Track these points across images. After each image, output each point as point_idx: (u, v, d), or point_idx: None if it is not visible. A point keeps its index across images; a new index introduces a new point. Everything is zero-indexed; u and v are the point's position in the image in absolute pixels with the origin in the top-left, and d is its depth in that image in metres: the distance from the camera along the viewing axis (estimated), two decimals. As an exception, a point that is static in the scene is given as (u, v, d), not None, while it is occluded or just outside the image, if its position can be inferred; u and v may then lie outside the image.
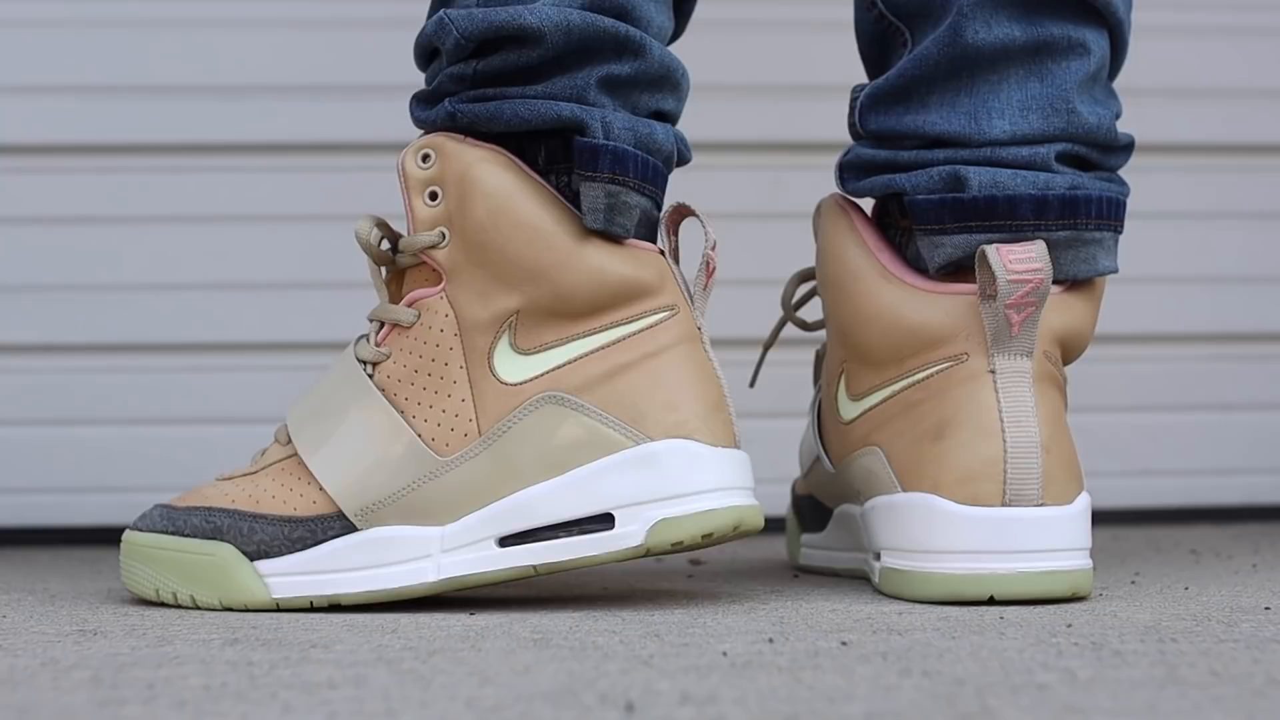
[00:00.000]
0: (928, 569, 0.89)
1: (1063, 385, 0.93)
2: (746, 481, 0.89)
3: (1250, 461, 1.46)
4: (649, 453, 0.87)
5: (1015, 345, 0.90)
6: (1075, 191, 0.93)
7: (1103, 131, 0.94)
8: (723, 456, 0.88)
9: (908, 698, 0.64)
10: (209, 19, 1.38)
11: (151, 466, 1.37)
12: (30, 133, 1.37)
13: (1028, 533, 0.88)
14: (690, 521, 0.86)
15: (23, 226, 1.37)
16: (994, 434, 0.89)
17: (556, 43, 0.88)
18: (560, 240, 0.88)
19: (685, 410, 0.88)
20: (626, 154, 0.88)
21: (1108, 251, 0.95)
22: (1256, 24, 1.45)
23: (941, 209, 0.92)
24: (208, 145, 1.38)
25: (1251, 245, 1.46)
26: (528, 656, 0.73)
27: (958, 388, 0.90)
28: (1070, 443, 0.91)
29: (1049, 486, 0.89)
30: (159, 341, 1.38)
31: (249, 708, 0.64)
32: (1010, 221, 0.92)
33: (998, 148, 0.93)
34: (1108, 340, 1.45)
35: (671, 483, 0.86)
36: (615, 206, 0.88)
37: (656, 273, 0.89)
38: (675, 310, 0.89)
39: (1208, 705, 0.63)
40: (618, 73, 0.89)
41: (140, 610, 0.91)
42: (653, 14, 0.91)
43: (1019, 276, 0.88)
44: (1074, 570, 0.89)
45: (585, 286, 0.88)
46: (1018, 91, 0.94)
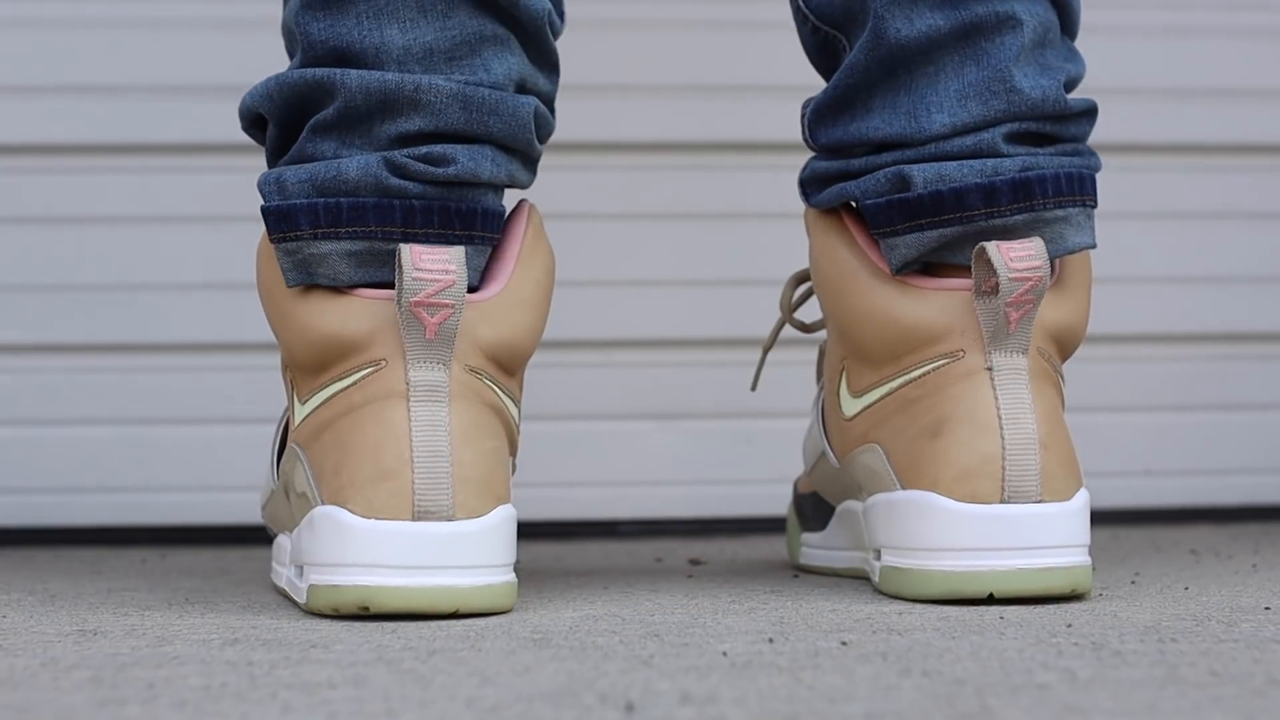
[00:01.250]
0: (927, 567, 0.89)
1: (1059, 382, 0.93)
2: (402, 558, 0.84)
3: (1250, 461, 1.46)
4: (311, 516, 0.87)
5: (1012, 342, 0.89)
6: (1028, 173, 0.91)
7: (1049, 103, 0.92)
8: (374, 529, 0.84)
9: (908, 698, 0.64)
10: (209, 19, 1.38)
11: (151, 466, 1.37)
12: (30, 133, 1.37)
13: (1026, 529, 0.88)
14: (327, 593, 0.85)
15: (23, 226, 1.37)
16: (992, 431, 0.89)
17: (273, 115, 0.91)
18: (283, 301, 0.89)
19: (345, 476, 0.85)
20: (297, 210, 0.87)
21: (1078, 228, 0.93)
22: (1256, 24, 1.45)
23: (890, 211, 0.91)
24: (208, 145, 1.38)
25: (1251, 245, 1.45)
26: (528, 656, 0.73)
27: (955, 385, 0.90)
28: (1068, 439, 0.91)
29: (1048, 483, 0.88)
30: (159, 341, 1.38)
31: (249, 708, 0.64)
32: (960, 214, 0.91)
33: (941, 142, 0.92)
34: (1108, 340, 1.45)
35: (319, 551, 0.86)
36: (304, 261, 0.88)
37: (369, 325, 0.86)
38: (380, 365, 0.86)
39: (1208, 705, 0.63)
40: (322, 119, 0.89)
41: (140, 610, 0.91)
42: (382, 37, 0.89)
43: (1020, 274, 0.88)
44: (1073, 567, 0.89)
45: (299, 345, 0.89)
46: (954, 81, 0.92)
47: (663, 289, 1.40)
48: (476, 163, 0.89)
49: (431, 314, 0.84)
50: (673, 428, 1.41)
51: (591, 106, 1.38)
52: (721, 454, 1.40)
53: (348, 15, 0.89)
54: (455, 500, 0.85)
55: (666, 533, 1.38)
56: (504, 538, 0.87)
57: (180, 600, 0.95)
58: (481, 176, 0.89)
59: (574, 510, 1.39)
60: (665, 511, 1.40)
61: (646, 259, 1.40)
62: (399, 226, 0.88)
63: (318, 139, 0.90)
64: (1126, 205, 1.44)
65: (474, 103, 0.89)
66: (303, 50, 0.90)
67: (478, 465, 0.86)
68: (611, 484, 1.40)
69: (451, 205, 0.89)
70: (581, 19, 1.20)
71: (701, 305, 1.40)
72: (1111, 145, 1.44)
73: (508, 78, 0.90)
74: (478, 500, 0.85)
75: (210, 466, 1.37)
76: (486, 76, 0.90)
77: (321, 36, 0.89)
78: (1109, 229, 1.44)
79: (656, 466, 1.40)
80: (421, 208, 0.88)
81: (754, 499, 1.37)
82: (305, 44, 0.90)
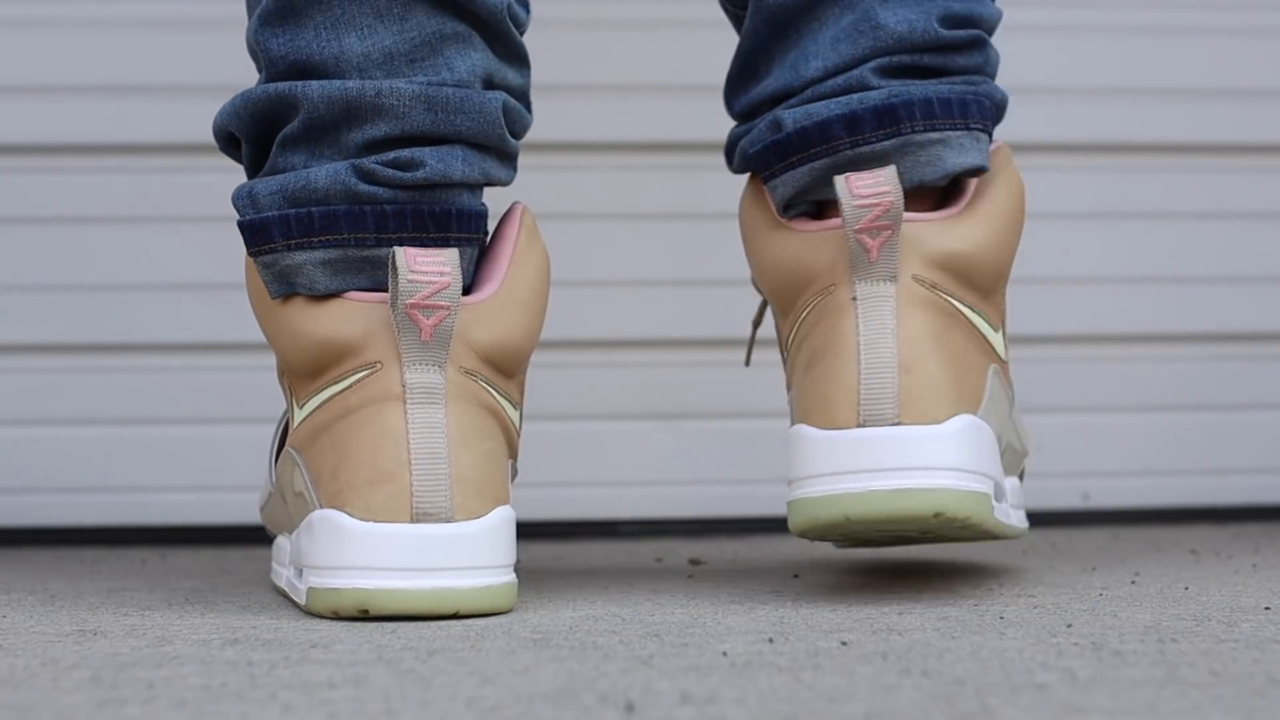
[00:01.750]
0: (795, 496, 0.89)
1: (953, 309, 0.90)
2: (401, 561, 0.84)
3: (1250, 461, 1.46)
4: (310, 520, 0.87)
5: (876, 270, 0.89)
6: (893, 99, 0.91)
7: (917, 34, 0.92)
8: (373, 532, 0.84)
9: (908, 698, 0.64)
10: (209, 19, 1.38)
11: (151, 466, 1.37)
12: (30, 133, 1.37)
13: (879, 451, 0.86)
14: (327, 596, 0.85)
15: (23, 226, 1.37)
16: (849, 358, 0.88)
17: (242, 132, 0.92)
18: (273, 308, 0.90)
19: (343, 479, 0.85)
20: (269, 222, 0.88)
21: (959, 149, 0.92)
22: (1256, 24, 1.45)
23: (766, 154, 0.93)
24: (208, 145, 1.37)
25: (1251, 245, 1.45)
26: (528, 656, 0.73)
27: (825, 319, 0.90)
28: (948, 365, 0.89)
29: (908, 405, 0.87)
30: (159, 341, 1.38)
31: (249, 708, 0.64)
32: (826, 145, 0.91)
33: (817, 85, 0.93)
34: (1108, 340, 1.45)
35: (318, 553, 0.86)
36: (283, 273, 0.89)
37: (362, 329, 0.87)
38: (375, 368, 0.86)
39: (1208, 705, 0.63)
40: (289, 132, 0.89)
41: (140, 610, 0.91)
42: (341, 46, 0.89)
43: (864, 201, 0.87)
44: (933, 488, 0.86)
45: (293, 351, 0.89)
46: (831, 29, 0.93)
47: (663, 289, 1.40)
48: (446, 164, 0.89)
49: (427, 316, 0.84)
50: (673, 428, 1.41)
51: (590, 106, 1.39)
52: (721, 454, 1.40)
53: (305, 28, 0.89)
54: (454, 502, 0.85)
55: (666, 533, 1.38)
56: (503, 538, 0.86)
57: (180, 600, 0.95)
58: (453, 177, 0.89)
59: (574, 510, 1.39)
60: (665, 511, 1.40)
61: (646, 259, 1.40)
62: (372, 232, 0.88)
63: (287, 152, 0.90)
64: (1126, 205, 1.44)
65: (438, 103, 0.88)
66: (265, 67, 0.91)
67: (475, 467, 0.86)
68: (611, 484, 1.40)
69: (425, 208, 0.89)
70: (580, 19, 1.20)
71: (701, 305, 1.40)
72: (1111, 145, 1.44)
73: (472, 74, 0.90)
74: (476, 501, 0.85)
75: (210, 466, 1.37)
76: (450, 75, 0.90)
77: (281, 52, 0.90)
78: (1109, 229, 1.45)
79: (656, 466, 1.40)
80: (394, 212, 0.88)
81: (754, 499, 1.37)
82: (266, 60, 0.90)
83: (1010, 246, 0.94)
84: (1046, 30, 1.44)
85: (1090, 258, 1.44)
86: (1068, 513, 1.43)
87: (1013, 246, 0.94)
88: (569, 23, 1.09)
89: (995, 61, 0.97)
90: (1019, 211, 0.95)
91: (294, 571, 0.90)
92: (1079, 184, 1.44)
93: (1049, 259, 1.43)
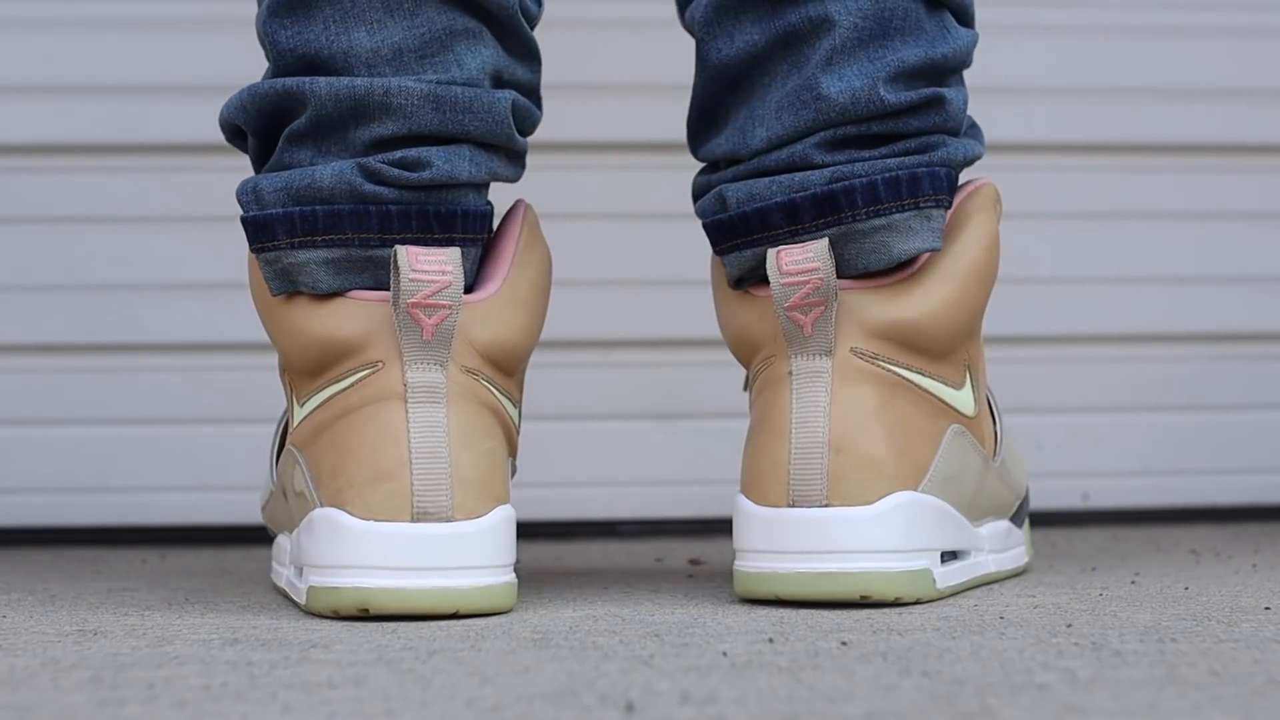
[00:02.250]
0: (735, 566, 0.90)
1: (897, 379, 0.89)
2: (401, 560, 0.84)
3: (1250, 461, 1.46)
4: (310, 519, 0.87)
5: (811, 345, 0.88)
6: (835, 185, 0.88)
7: (860, 105, 0.88)
8: (373, 531, 0.84)
9: (908, 698, 0.64)
10: (209, 19, 1.38)
11: (151, 466, 1.37)
12: (30, 133, 1.37)
13: (805, 533, 0.87)
14: (327, 595, 0.85)
15: (23, 226, 1.37)
16: (783, 435, 0.88)
17: (249, 126, 0.91)
18: (275, 306, 0.89)
19: (344, 478, 0.85)
20: (274, 220, 0.88)
21: (905, 234, 0.89)
22: (1256, 24, 1.45)
23: (714, 231, 0.92)
24: (208, 145, 1.38)
25: (1251, 245, 1.45)
26: (528, 656, 0.73)
27: (766, 390, 0.90)
28: (886, 440, 0.88)
29: (837, 486, 0.87)
30: (159, 341, 1.38)
31: (249, 708, 0.64)
32: (765, 234, 0.90)
33: (762, 156, 0.91)
34: (1108, 340, 1.45)
35: (318, 552, 0.86)
36: (285, 270, 0.88)
37: (363, 327, 0.86)
38: (377, 367, 0.86)
39: (1208, 705, 0.63)
40: (296, 128, 0.89)
41: (140, 610, 0.91)
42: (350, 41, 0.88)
43: (793, 279, 0.86)
44: (858, 573, 0.86)
45: (294, 349, 0.89)
46: (778, 92, 0.91)
47: (663, 289, 1.40)
48: (453, 164, 0.88)
49: (429, 315, 0.84)
50: (673, 428, 1.41)
51: (591, 106, 1.39)
52: (721, 454, 1.40)
53: (314, 21, 0.89)
54: (454, 501, 0.85)
55: (666, 533, 1.38)
56: (503, 538, 0.86)
57: (180, 600, 0.95)
58: (459, 177, 0.89)
59: (574, 510, 1.39)
60: (665, 511, 1.40)
61: (646, 259, 1.40)
62: (376, 233, 0.87)
63: (293, 148, 0.89)
64: (1126, 205, 1.44)
65: (447, 102, 0.88)
66: (273, 59, 0.90)
67: (476, 466, 0.86)
68: (611, 484, 1.40)
69: (430, 209, 0.88)
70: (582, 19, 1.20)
71: (701, 305, 1.39)
72: (1111, 145, 1.44)
73: (482, 72, 0.89)
74: (476, 501, 0.85)
75: (210, 466, 1.37)
76: (460, 73, 0.89)
77: (290, 44, 0.89)
78: (1109, 229, 1.45)
79: (656, 466, 1.40)
80: (399, 212, 0.87)
81: (754, 499, 1.37)
82: (275, 53, 0.90)
83: (969, 306, 0.91)
84: (1046, 30, 1.44)
85: (1090, 258, 1.44)
86: (1068, 513, 1.43)
87: (973, 305, 0.92)
88: (569, 23, 1.09)
89: (959, 110, 0.92)
90: (986, 266, 0.92)
91: (294, 571, 0.90)
92: (1079, 184, 1.44)
93: (1049, 259, 1.43)
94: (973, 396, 0.94)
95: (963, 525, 0.92)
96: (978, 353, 0.96)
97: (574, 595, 0.95)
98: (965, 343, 0.93)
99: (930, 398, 0.90)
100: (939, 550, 0.90)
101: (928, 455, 0.89)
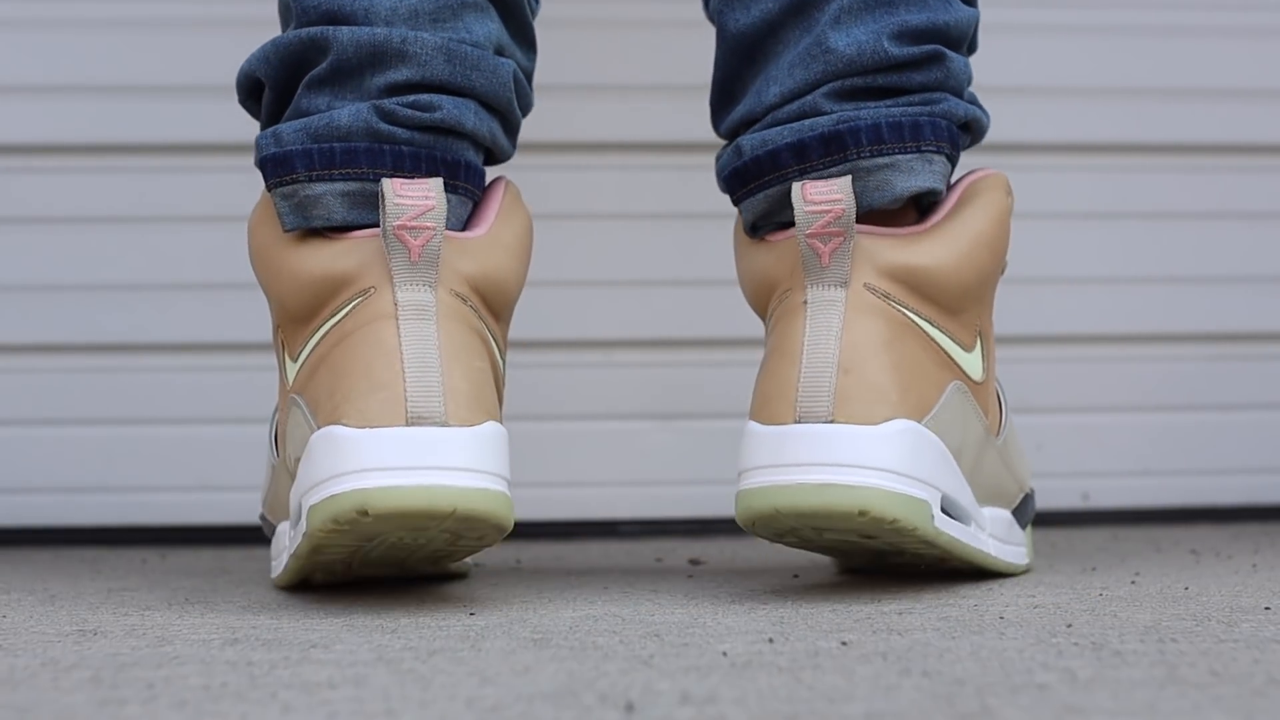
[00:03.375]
0: (738, 489, 0.91)
1: (906, 321, 0.91)
2: (397, 460, 0.85)
3: (1250, 461, 1.46)
4: (309, 444, 0.88)
5: (828, 276, 0.90)
6: (840, 126, 0.93)
7: (866, 57, 0.94)
8: (369, 436, 0.85)
9: (908, 698, 0.64)
10: (209, 19, 1.38)
11: (151, 466, 1.37)
12: (30, 133, 1.37)
13: (809, 446, 0.88)
14: (325, 506, 0.85)
15: (23, 226, 1.37)
16: (794, 358, 0.90)
17: (269, 77, 0.95)
18: (273, 252, 0.93)
19: (340, 394, 0.87)
20: (293, 154, 0.92)
21: (908, 173, 0.93)
22: (1256, 24, 1.45)
23: (732, 180, 0.96)
24: (208, 145, 1.38)
25: (1251, 245, 1.46)
26: (528, 656, 0.73)
27: (780, 321, 0.92)
28: (892, 371, 0.90)
29: (843, 405, 0.88)
30: (159, 341, 1.38)
31: (249, 708, 0.64)
32: (776, 174, 0.94)
33: (774, 110, 0.95)
34: (1108, 340, 1.45)
35: (316, 469, 0.87)
36: (302, 204, 0.92)
37: (358, 260, 0.90)
38: (369, 292, 0.89)
39: (1208, 705, 0.63)
40: (316, 74, 0.94)
41: (140, 610, 0.91)
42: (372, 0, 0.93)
43: (816, 207, 0.89)
44: (858, 486, 0.87)
45: (291, 291, 0.91)
46: (790, 53, 0.96)
47: (663, 289, 1.40)
48: (460, 112, 0.93)
49: (414, 236, 0.88)
50: (673, 428, 1.41)
51: (590, 106, 1.39)
52: (721, 454, 1.39)
53: None
54: (447, 409, 0.86)
55: (666, 533, 1.38)
56: (498, 448, 0.88)
57: (180, 600, 0.95)
58: (465, 125, 0.94)
59: (574, 510, 1.39)
60: (665, 511, 1.40)
61: (646, 259, 1.40)
62: (389, 169, 0.92)
63: (312, 94, 0.94)
64: (1126, 205, 1.44)
65: (457, 56, 0.93)
66: (296, 16, 0.95)
67: (467, 378, 0.88)
68: (611, 484, 1.40)
69: (438, 154, 0.93)
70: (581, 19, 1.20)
71: (701, 305, 1.40)
72: (1111, 145, 1.44)
73: (488, 40, 0.95)
74: (469, 411, 0.87)
75: (210, 466, 1.37)
76: (469, 36, 0.94)
77: (314, 2, 0.94)
78: (1109, 229, 1.45)
79: (656, 466, 1.40)
80: (410, 154, 0.92)
81: (754, 499, 1.37)
82: (299, 10, 0.94)
83: (978, 267, 0.95)
84: (1046, 30, 1.44)
85: (1090, 258, 1.44)
86: (1068, 513, 1.43)
87: (982, 268, 0.95)
88: (569, 22, 1.09)
89: (960, 74, 0.97)
90: (994, 237, 0.96)
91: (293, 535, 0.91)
92: (1078, 184, 1.44)
93: (1049, 259, 1.43)
94: (982, 365, 0.96)
95: (964, 487, 0.94)
96: (989, 327, 0.98)
97: (574, 595, 0.95)
98: (975, 306, 0.96)
99: (937, 347, 0.93)
100: (940, 491, 0.91)
101: (931, 397, 0.91)
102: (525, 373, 0.93)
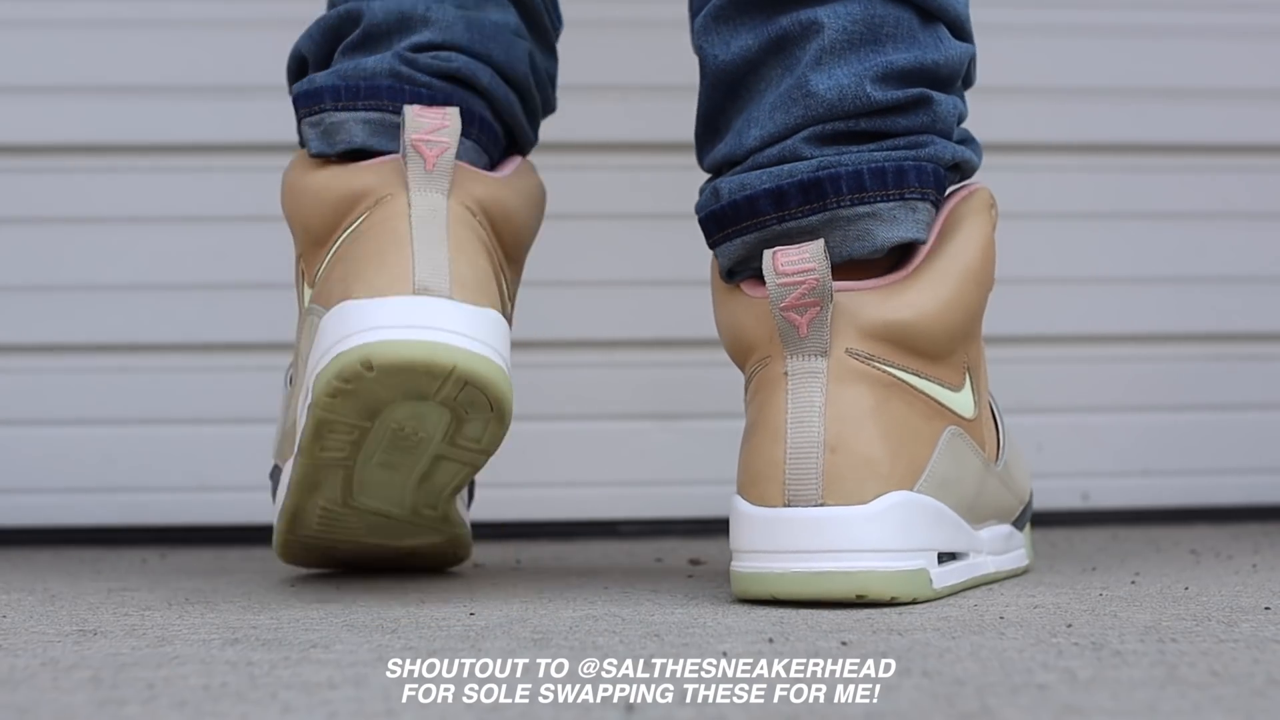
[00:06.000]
0: (732, 567, 0.90)
1: (892, 380, 0.89)
2: (404, 320, 0.88)
3: (1250, 461, 1.46)
4: (321, 323, 0.91)
5: (807, 346, 0.88)
6: (820, 173, 0.90)
7: (848, 102, 0.91)
8: (376, 302, 0.89)
9: (908, 698, 0.64)
10: (209, 19, 1.38)
11: (151, 466, 1.37)
12: (30, 133, 1.37)
13: (800, 533, 0.87)
14: (332, 368, 0.88)
15: (23, 226, 1.37)
16: (778, 436, 0.88)
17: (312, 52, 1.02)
18: (300, 183, 0.97)
19: (351, 276, 0.91)
20: (322, 88, 0.98)
21: (890, 222, 0.91)
22: (1256, 24, 1.46)
23: (709, 223, 0.94)
24: (208, 145, 1.38)
25: (1251, 245, 1.46)
26: (528, 656, 0.73)
27: (761, 391, 0.90)
28: (882, 441, 0.88)
29: (832, 486, 0.87)
30: (159, 341, 1.38)
31: (249, 708, 0.64)
32: (753, 221, 0.92)
33: (755, 154, 0.93)
34: (1108, 340, 1.45)
35: (325, 340, 0.90)
36: (328, 130, 0.97)
37: (376, 176, 0.94)
38: (386, 199, 0.93)
39: (1208, 705, 0.63)
40: (350, 40, 1.00)
41: (140, 610, 0.91)
42: None
43: (789, 279, 0.87)
44: (854, 571, 0.87)
45: (314, 210, 0.95)
46: (772, 93, 0.93)
47: (663, 289, 1.40)
48: (475, 70, 0.99)
49: (430, 148, 0.92)
50: (673, 428, 1.41)
51: (590, 106, 1.39)
52: (721, 454, 1.40)
53: None
54: (453, 289, 0.90)
55: (666, 533, 1.38)
56: (499, 332, 0.91)
57: (180, 600, 0.95)
58: (480, 81, 0.98)
59: (574, 510, 1.39)
60: (665, 511, 1.40)
61: (646, 259, 1.40)
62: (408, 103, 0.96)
63: (344, 57, 1.00)
64: (1126, 205, 1.44)
65: (476, 25, 0.99)
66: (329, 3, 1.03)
67: (473, 269, 0.91)
68: (611, 484, 1.40)
69: (455, 100, 0.97)
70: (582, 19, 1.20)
71: (701, 305, 1.39)
72: (1111, 145, 1.45)
73: (506, 24, 1.01)
74: (474, 294, 0.90)
75: (210, 466, 1.37)
76: (488, 17, 1.00)
77: None
78: (1109, 229, 1.45)
79: (656, 466, 1.40)
80: (427, 95, 0.97)
81: (754, 499, 1.37)
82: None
83: (966, 307, 0.92)
84: (1046, 30, 1.44)
85: (1090, 258, 1.44)
86: (1068, 513, 1.43)
87: (969, 307, 0.93)
88: (569, 22, 1.09)
89: (949, 115, 0.94)
90: (981, 268, 0.93)
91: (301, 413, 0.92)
92: (1079, 184, 1.44)
93: (1049, 259, 1.43)
94: (973, 399, 0.94)
95: (961, 527, 0.92)
96: (978, 355, 0.96)
97: (574, 595, 0.95)
98: (963, 344, 0.93)
99: (926, 399, 0.91)
100: (936, 550, 0.90)
101: (924, 456, 0.90)
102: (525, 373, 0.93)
